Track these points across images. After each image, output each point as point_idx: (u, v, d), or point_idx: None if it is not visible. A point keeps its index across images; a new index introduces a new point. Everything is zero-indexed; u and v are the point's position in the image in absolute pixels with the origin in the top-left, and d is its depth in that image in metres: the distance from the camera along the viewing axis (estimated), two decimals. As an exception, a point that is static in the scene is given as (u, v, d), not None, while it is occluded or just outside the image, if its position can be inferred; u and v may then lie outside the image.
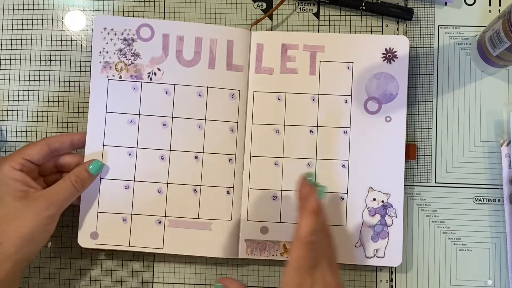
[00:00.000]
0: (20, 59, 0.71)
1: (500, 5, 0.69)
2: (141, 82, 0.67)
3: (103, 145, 0.66)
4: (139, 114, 0.66)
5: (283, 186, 0.66)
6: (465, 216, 0.68)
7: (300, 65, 0.67)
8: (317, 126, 0.67)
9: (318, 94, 0.67)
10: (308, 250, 0.55)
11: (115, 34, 0.67)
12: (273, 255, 0.66)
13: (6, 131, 0.70)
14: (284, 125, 0.67)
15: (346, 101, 0.67)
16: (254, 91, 0.67)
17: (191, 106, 0.66)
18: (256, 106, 0.67)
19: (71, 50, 0.71)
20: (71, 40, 0.71)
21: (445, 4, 0.69)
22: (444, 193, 0.68)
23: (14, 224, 0.59)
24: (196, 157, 0.66)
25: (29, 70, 0.71)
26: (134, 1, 0.71)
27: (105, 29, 0.67)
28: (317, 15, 0.70)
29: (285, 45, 0.67)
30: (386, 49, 0.66)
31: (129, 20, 0.67)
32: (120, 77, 0.67)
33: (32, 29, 0.71)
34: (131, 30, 0.67)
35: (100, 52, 0.67)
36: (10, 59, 0.71)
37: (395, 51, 0.66)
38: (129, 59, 0.67)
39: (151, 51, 0.67)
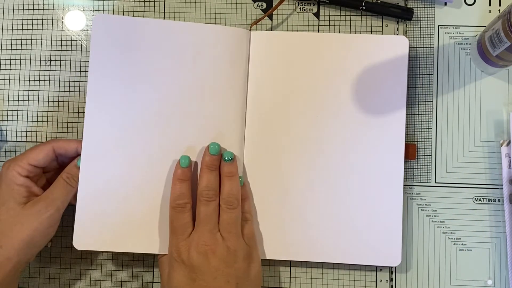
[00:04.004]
0: (20, 59, 0.72)
1: (500, 5, 0.71)
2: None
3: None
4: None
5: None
6: (465, 216, 0.69)
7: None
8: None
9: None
10: (176, 213, 0.64)
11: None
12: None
13: (6, 131, 0.72)
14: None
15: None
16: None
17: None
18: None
19: (71, 50, 0.72)
20: (71, 40, 0.72)
21: (445, 4, 0.71)
22: (444, 193, 0.69)
23: (15, 228, 0.61)
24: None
25: (29, 70, 0.72)
26: (134, 1, 0.72)
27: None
28: (317, 15, 0.72)
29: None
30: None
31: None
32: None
33: (32, 29, 0.73)
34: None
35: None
36: (10, 59, 0.72)
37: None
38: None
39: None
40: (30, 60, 0.72)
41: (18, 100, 0.72)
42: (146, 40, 0.68)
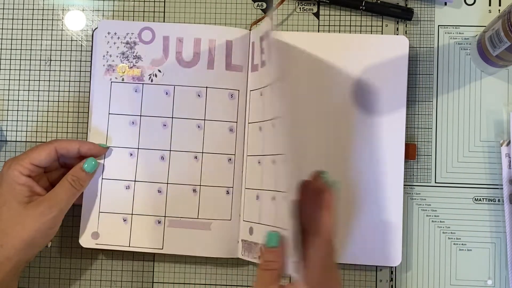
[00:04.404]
0: (20, 59, 0.73)
1: (500, 5, 0.71)
2: (142, 83, 0.69)
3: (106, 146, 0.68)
4: (140, 115, 0.69)
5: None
6: (465, 216, 0.69)
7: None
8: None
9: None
10: (332, 247, 0.57)
11: (118, 38, 0.69)
12: (254, 257, 0.67)
13: (6, 131, 0.72)
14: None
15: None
16: (250, 90, 0.69)
17: (191, 106, 0.68)
18: (252, 105, 0.69)
19: (71, 50, 0.73)
20: (71, 40, 0.73)
21: (445, 4, 0.71)
22: (444, 193, 0.70)
23: (17, 228, 0.61)
24: (196, 157, 0.68)
25: (29, 70, 0.73)
26: (134, 1, 0.73)
27: (108, 33, 0.69)
28: (317, 15, 0.72)
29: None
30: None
31: (131, 24, 0.70)
32: (123, 79, 0.69)
33: (32, 29, 0.73)
34: (133, 33, 0.69)
35: (103, 56, 0.69)
36: (10, 59, 0.73)
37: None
38: (131, 62, 0.69)
39: (152, 54, 0.69)
40: (30, 60, 0.73)
41: (18, 100, 0.73)
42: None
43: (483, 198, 0.69)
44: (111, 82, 0.69)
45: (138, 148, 0.69)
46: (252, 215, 0.67)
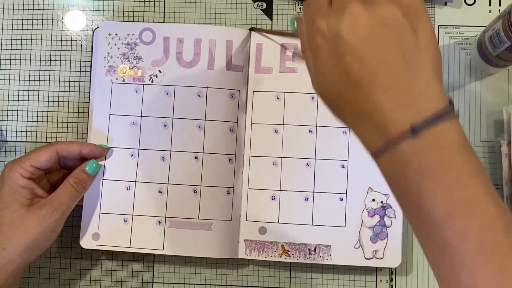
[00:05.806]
0: (20, 59, 0.73)
1: (500, 5, 0.71)
2: (143, 84, 0.69)
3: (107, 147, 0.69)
4: (141, 116, 0.69)
5: (282, 187, 0.69)
6: (465, 216, 0.70)
7: (299, 65, 0.69)
8: (316, 126, 0.69)
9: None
10: None
11: (119, 39, 0.69)
12: (271, 256, 0.68)
13: (6, 131, 0.73)
14: (283, 124, 0.69)
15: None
16: (253, 91, 0.70)
17: (191, 106, 0.69)
18: (255, 106, 0.70)
19: (71, 50, 0.73)
20: (71, 40, 0.73)
21: (445, 4, 0.72)
22: (444, 193, 0.70)
23: (19, 231, 0.61)
24: (196, 158, 0.69)
25: (29, 70, 0.73)
26: (134, 1, 0.73)
27: (109, 34, 0.69)
28: (317, 15, 0.72)
29: (284, 45, 0.70)
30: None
31: (132, 25, 0.70)
32: (123, 80, 0.69)
33: (32, 29, 0.73)
34: (134, 34, 0.69)
35: (104, 57, 0.69)
36: (10, 59, 0.73)
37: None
38: (132, 63, 0.69)
39: (152, 54, 0.69)
40: (30, 60, 0.73)
41: (18, 100, 0.73)
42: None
43: (483, 198, 0.70)
44: (112, 83, 0.70)
45: (138, 149, 0.69)
46: (265, 215, 0.68)
